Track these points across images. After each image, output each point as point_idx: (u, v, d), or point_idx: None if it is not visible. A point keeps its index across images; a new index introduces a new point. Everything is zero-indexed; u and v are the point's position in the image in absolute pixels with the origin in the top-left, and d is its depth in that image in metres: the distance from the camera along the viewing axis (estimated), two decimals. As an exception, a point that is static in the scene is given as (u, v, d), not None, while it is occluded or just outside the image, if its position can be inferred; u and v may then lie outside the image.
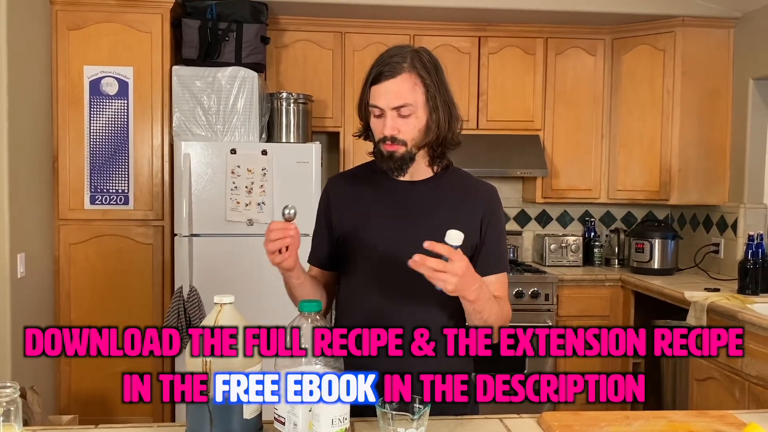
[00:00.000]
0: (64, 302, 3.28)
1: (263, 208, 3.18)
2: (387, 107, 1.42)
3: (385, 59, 1.44)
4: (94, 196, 3.29)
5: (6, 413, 1.10)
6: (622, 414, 1.42)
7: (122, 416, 3.29)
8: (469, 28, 3.79)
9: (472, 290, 1.32)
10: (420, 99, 1.43)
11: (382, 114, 1.44)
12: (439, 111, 1.45)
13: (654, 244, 3.71)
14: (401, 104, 1.42)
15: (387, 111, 1.43)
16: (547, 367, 3.56)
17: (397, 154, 1.45)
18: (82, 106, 3.26)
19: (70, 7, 3.24)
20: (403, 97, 1.42)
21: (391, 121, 1.43)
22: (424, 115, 1.45)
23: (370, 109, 1.46)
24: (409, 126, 1.44)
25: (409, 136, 1.44)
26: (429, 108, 1.44)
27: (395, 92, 1.42)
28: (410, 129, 1.44)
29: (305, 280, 1.50)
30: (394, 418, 1.18)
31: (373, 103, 1.44)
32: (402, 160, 1.46)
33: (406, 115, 1.43)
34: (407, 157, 1.46)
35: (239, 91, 3.25)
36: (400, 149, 1.45)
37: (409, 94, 1.42)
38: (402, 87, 1.42)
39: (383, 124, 1.44)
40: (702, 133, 3.67)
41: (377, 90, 1.43)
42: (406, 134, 1.44)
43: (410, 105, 1.42)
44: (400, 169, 1.47)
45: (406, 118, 1.43)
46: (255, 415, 1.20)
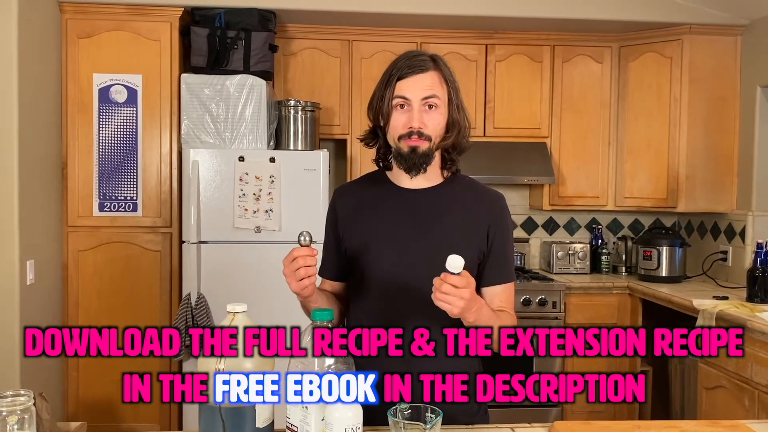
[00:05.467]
0: (73, 309, 3.29)
1: (271, 215, 3.18)
2: (416, 99, 1.44)
3: (411, 58, 1.47)
4: (103, 203, 3.30)
5: (20, 421, 1.11)
6: (633, 423, 1.41)
7: (129, 422, 3.29)
8: (476, 36, 3.80)
9: (472, 312, 1.32)
10: (445, 96, 1.47)
11: (409, 107, 1.45)
12: (460, 112, 1.49)
13: (661, 251, 3.70)
14: (431, 94, 1.44)
15: (415, 103, 1.44)
16: (555, 369, 3.55)
17: (420, 149, 1.46)
18: (91, 113, 3.28)
19: (79, 16, 3.26)
20: (433, 89, 1.45)
21: (418, 114, 1.44)
22: (446, 112, 1.48)
23: (393, 104, 1.46)
24: (434, 121, 1.46)
25: (434, 132, 1.46)
26: (451, 107, 1.48)
27: (425, 84, 1.45)
28: (435, 124, 1.46)
29: (323, 303, 1.51)
30: (406, 427, 1.18)
31: (400, 94, 1.45)
32: (424, 156, 1.46)
33: (432, 108, 1.45)
34: (429, 153, 1.47)
35: (247, 98, 3.27)
36: (423, 145, 1.46)
37: (438, 87, 1.46)
38: (431, 80, 1.45)
39: (410, 117, 1.45)
40: (709, 141, 3.66)
41: (405, 83, 1.45)
42: (431, 129, 1.45)
43: (438, 97, 1.45)
44: (420, 166, 1.47)
45: (431, 112, 1.45)
46: (268, 423, 1.20)
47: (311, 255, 1.35)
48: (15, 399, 1.12)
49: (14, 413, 1.10)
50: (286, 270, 1.37)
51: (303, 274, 1.35)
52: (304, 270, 1.35)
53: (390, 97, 1.46)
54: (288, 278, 1.37)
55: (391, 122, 1.48)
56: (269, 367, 1.20)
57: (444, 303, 1.26)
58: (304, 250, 1.35)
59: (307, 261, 1.35)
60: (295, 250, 1.36)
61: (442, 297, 1.25)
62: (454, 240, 1.48)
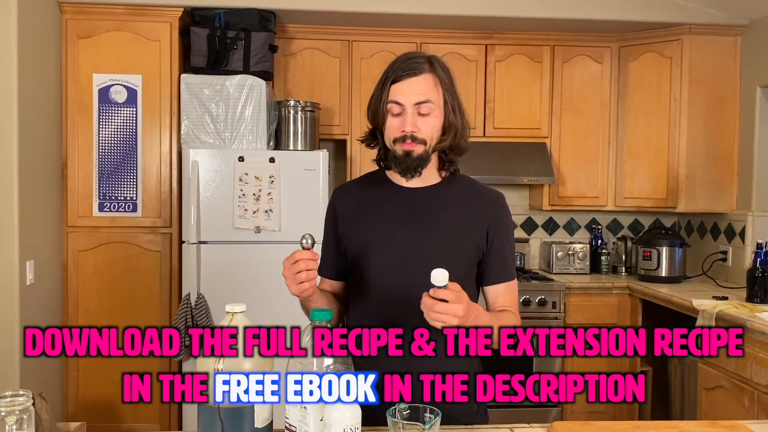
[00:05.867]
0: (73, 309, 3.29)
1: (270, 215, 3.18)
2: (409, 103, 1.43)
3: (405, 60, 1.46)
4: (103, 203, 3.30)
5: (19, 421, 1.11)
6: (633, 424, 1.41)
7: (129, 422, 3.29)
8: (476, 36, 3.80)
9: (469, 321, 1.32)
10: (440, 99, 1.46)
11: (403, 111, 1.44)
12: (456, 114, 1.47)
13: (661, 251, 3.70)
14: (423, 99, 1.43)
15: (408, 108, 1.44)
16: (555, 369, 3.55)
17: (415, 153, 1.45)
18: (91, 113, 3.28)
19: (79, 16, 3.26)
20: (426, 93, 1.44)
21: (411, 118, 1.44)
22: (441, 115, 1.46)
23: (387, 108, 1.46)
24: (428, 125, 1.45)
25: (428, 136, 1.45)
26: (447, 110, 1.46)
27: (418, 89, 1.43)
28: (429, 128, 1.45)
29: (322, 303, 1.51)
30: (405, 428, 1.18)
31: (393, 99, 1.45)
32: (419, 159, 1.46)
33: (425, 113, 1.44)
34: (424, 157, 1.46)
35: (247, 98, 3.27)
36: (418, 148, 1.45)
37: (432, 91, 1.44)
38: (424, 85, 1.44)
39: (403, 121, 1.44)
40: (709, 141, 3.66)
41: (398, 87, 1.44)
42: (426, 133, 1.45)
43: (431, 102, 1.44)
44: (415, 170, 1.47)
45: (425, 117, 1.44)
46: (266, 423, 1.20)
47: (313, 259, 1.35)
48: (14, 399, 1.12)
49: (13, 413, 1.10)
50: (286, 272, 1.36)
51: (304, 277, 1.34)
52: (305, 274, 1.34)
53: (385, 101, 1.46)
54: (288, 280, 1.36)
55: (387, 125, 1.48)
56: (269, 367, 1.20)
57: (439, 323, 1.25)
58: (307, 253, 1.34)
59: (308, 265, 1.34)
60: (297, 253, 1.35)
61: (436, 317, 1.24)
62: (454, 239, 1.48)
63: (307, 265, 1.34)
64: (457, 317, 1.24)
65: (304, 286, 1.36)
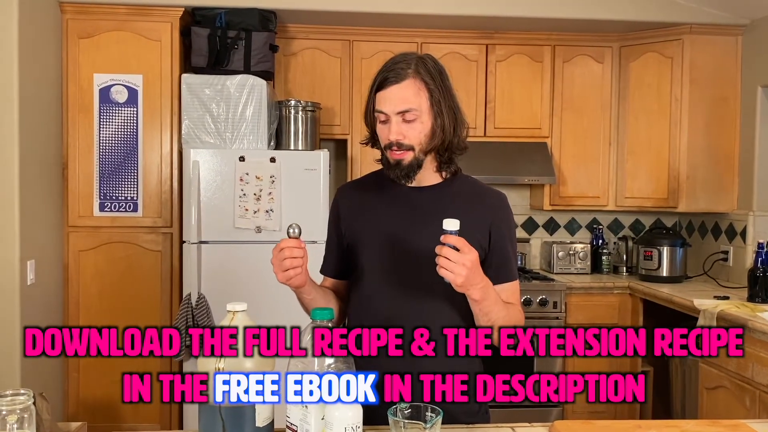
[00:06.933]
0: (73, 309, 3.29)
1: (271, 215, 3.18)
2: (392, 112, 1.43)
3: (390, 66, 1.45)
4: (104, 203, 3.30)
5: (20, 420, 1.11)
6: (634, 423, 1.41)
7: (129, 422, 3.29)
8: (477, 36, 3.80)
9: (477, 288, 1.32)
10: (424, 104, 1.44)
11: (388, 119, 1.45)
12: (444, 116, 1.45)
13: (662, 251, 3.70)
14: (405, 109, 1.42)
15: (392, 116, 1.44)
16: (555, 369, 3.55)
17: (404, 162, 1.45)
18: (91, 113, 3.28)
19: (80, 16, 3.26)
20: (408, 102, 1.42)
21: (396, 126, 1.44)
22: (429, 120, 1.45)
23: (375, 116, 1.47)
24: (414, 131, 1.44)
25: (415, 141, 1.45)
26: (434, 113, 1.45)
27: (399, 97, 1.43)
28: (415, 134, 1.44)
29: (316, 295, 1.51)
30: (407, 426, 1.18)
31: (378, 108, 1.45)
32: (409, 167, 1.46)
33: (410, 120, 1.43)
34: (414, 163, 1.46)
35: (248, 98, 3.27)
36: (407, 156, 1.45)
37: (414, 98, 1.43)
38: (406, 92, 1.43)
39: (388, 129, 1.45)
40: (710, 141, 3.66)
41: (382, 96, 1.44)
42: (412, 139, 1.44)
43: (414, 110, 1.43)
44: (407, 177, 1.47)
45: (410, 123, 1.44)
46: (267, 422, 1.20)
47: (298, 247, 1.37)
48: (14, 398, 1.12)
49: (14, 412, 1.10)
50: (273, 260, 1.39)
51: (288, 265, 1.37)
52: (290, 261, 1.37)
53: (372, 110, 1.48)
54: (275, 268, 1.39)
55: (377, 132, 1.50)
56: (269, 367, 1.20)
57: (447, 271, 1.25)
58: (292, 242, 1.37)
59: (293, 252, 1.36)
60: (283, 242, 1.37)
61: (444, 263, 1.25)
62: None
63: (292, 253, 1.36)
64: (465, 267, 1.25)
65: (289, 274, 1.38)
